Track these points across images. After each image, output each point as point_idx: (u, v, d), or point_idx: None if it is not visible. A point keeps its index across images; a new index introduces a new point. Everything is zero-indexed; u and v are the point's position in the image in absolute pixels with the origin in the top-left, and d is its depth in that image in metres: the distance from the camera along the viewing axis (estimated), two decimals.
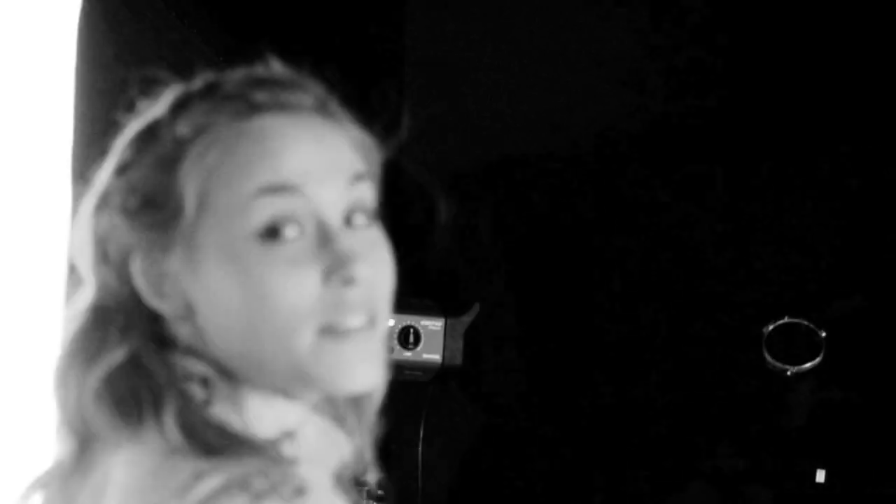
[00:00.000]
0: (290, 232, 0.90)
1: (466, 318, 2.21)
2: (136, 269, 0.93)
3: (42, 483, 1.00)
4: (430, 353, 2.19)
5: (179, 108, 0.93)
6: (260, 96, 0.93)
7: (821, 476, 2.24)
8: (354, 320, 0.90)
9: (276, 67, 0.96)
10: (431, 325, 2.18)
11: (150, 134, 0.94)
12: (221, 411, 0.91)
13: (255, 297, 0.89)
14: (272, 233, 0.90)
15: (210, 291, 0.91)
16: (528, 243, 2.47)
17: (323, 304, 0.89)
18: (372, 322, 0.92)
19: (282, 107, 0.93)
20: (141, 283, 0.93)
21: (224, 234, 0.90)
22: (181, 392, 0.90)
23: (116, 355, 0.92)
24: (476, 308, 2.21)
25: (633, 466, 2.36)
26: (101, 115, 1.79)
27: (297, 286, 0.89)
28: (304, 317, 0.89)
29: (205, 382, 0.92)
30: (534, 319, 2.45)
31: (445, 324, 2.19)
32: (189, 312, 0.93)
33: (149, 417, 0.89)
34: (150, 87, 0.97)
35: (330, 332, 0.90)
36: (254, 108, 0.92)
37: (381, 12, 2.52)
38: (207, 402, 0.91)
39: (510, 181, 2.48)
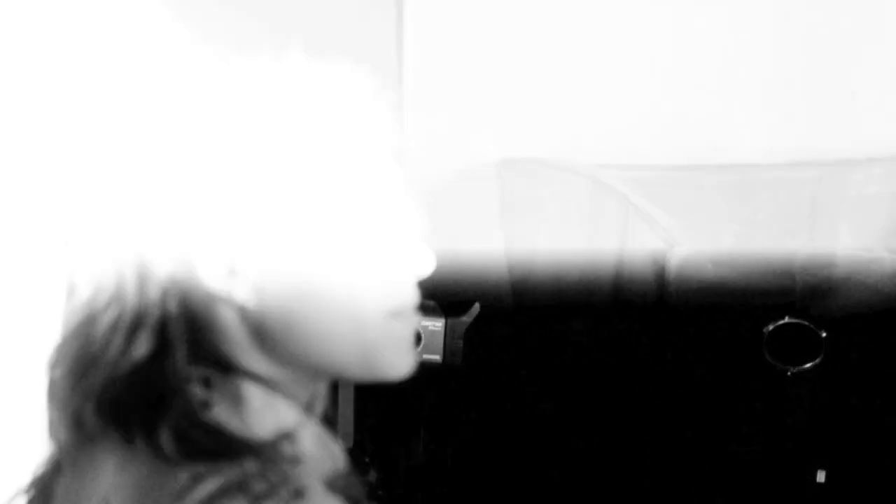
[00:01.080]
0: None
1: (466, 319, 2.21)
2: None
3: (37, 484, 1.00)
4: (431, 353, 2.19)
5: None
6: None
7: (821, 476, 2.24)
8: (412, 308, 1.00)
9: (297, 58, 0.98)
10: (431, 326, 2.18)
11: None
12: (221, 413, 0.91)
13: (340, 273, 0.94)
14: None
15: (290, 269, 0.94)
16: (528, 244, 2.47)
17: (392, 289, 0.97)
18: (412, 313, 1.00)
19: None
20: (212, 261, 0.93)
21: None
22: (180, 397, 0.90)
23: (116, 357, 0.91)
24: (476, 308, 2.21)
25: (633, 466, 2.36)
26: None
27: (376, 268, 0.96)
28: (379, 298, 0.96)
29: (206, 383, 0.92)
30: (534, 319, 2.45)
31: (445, 324, 2.19)
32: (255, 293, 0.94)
33: (144, 427, 0.88)
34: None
35: (397, 315, 0.97)
36: None
37: (381, 13, 2.52)
38: (207, 404, 0.90)
39: (511, 181, 2.48)
